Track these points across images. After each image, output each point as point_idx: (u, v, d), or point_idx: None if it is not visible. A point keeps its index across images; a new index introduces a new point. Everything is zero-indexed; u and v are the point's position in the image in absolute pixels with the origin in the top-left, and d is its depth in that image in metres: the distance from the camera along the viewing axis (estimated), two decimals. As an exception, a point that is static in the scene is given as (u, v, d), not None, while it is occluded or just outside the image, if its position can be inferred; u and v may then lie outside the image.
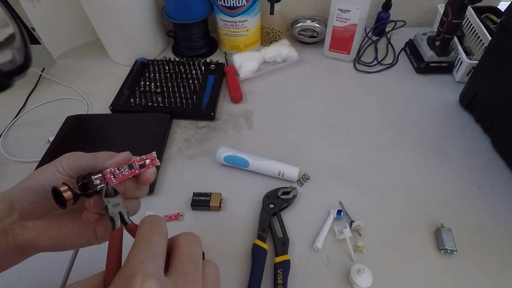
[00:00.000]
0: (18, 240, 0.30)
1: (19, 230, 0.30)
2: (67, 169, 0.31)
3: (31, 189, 0.30)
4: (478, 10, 0.76)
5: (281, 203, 0.53)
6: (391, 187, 0.57)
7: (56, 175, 0.30)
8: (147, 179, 0.31)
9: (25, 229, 0.30)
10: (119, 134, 0.63)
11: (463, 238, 0.49)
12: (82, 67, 0.83)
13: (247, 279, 0.46)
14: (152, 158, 0.31)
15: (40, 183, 0.30)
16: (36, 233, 0.31)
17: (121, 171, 0.30)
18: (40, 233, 0.31)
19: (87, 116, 0.69)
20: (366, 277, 0.44)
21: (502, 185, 0.56)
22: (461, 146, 0.62)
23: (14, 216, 0.30)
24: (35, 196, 0.30)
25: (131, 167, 0.30)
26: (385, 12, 0.85)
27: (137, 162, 0.30)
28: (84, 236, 0.33)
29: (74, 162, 0.31)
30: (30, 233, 0.31)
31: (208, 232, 0.51)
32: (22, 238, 0.30)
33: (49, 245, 0.31)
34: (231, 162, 0.58)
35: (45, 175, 0.30)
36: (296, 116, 0.69)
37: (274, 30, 0.83)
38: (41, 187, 0.30)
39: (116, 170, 0.30)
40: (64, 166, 0.31)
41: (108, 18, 0.72)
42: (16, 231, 0.30)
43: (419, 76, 0.77)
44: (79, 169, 0.31)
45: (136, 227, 0.26)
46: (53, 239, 0.31)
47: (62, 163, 0.31)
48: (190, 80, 0.74)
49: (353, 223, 0.50)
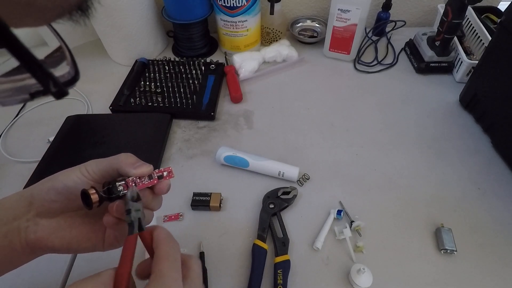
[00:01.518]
0: (30, 238, 0.31)
1: (33, 227, 0.32)
2: (92, 173, 0.33)
3: (55, 189, 0.32)
4: (478, 10, 0.76)
5: (281, 203, 0.53)
6: (391, 187, 0.57)
7: (81, 178, 0.32)
8: (163, 190, 0.34)
9: (38, 226, 0.32)
10: (119, 134, 0.63)
11: (463, 238, 0.49)
12: (82, 67, 0.82)
13: (247, 279, 0.46)
14: (169, 171, 0.34)
15: (64, 184, 0.32)
16: (48, 231, 0.32)
17: (141, 180, 0.32)
18: (52, 232, 0.32)
19: (87, 116, 0.69)
20: (366, 277, 0.44)
21: (502, 185, 0.56)
22: (461, 146, 0.62)
23: (31, 213, 0.32)
24: (57, 196, 0.32)
25: (150, 177, 0.33)
26: (385, 12, 0.85)
27: (155, 173, 0.33)
28: (92, 240, 0.34)
29: (98, 166, 0.33)
30: (43, 231, 0.32)
31: (208, 232, 0.51)
32: (34, 235, 0.31)
33: (58, 245, 0.32)
34: (231, 162, 0.58)
35: (70, 177, 0.32)
36: (296, 116, 0.69)
37: (274, 30, 0.83)
38: (64, 188, 0.32)
39: (137, 179, 0.32)
40: (89, 170, 0.33)
41: (108, 18, 0.72)
42: (29, 228, 0.31)
43: (419, 76, 0.77)
44: (103, 172, 0.33)
45: (150, 236, 0.29)
46: (63, 239, 0.33)
47: (87, 167, 0.33)
48: (190, 80, 0.74)
49: (353, 223, 0.50)
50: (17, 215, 0.32)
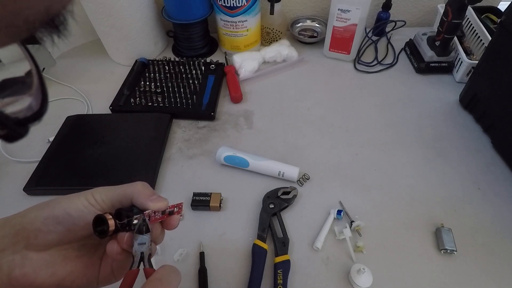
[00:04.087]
0: (14, 274, 0.26)
1: (20, 260, 0.27)
2: (101, 202, 0.30)
3: (54, 218, 0.28)
4: (478, 10, 0.76)
5: (281, 203, 0.53)
6: (391, 187, 0.57)
7: (88, 207, 0.29)
8: (174, 225, 0.32)
9: (26, 260, 0.27)
10: (119, 134, 0.63)
11: (463, 238, 0.49)
12: (82, 67, 0.83)
13: (247, 279, 0.46)
14: (180, 207, 0.33)
15: (67, 213, 0.28)
16: (38, 266, 0.28)
17: (156, 214, 0.31)
18: (43, 267, 0.28)
19: (87, 116, 0.69)
20: (366, 277, 0.44)
21: (502, 185, 0.56)
22: (461, 146, 0.62)
23: (20, 245, 0.27)
24: (55, 226, 0.28)
25: (163, 212, 0.31)
26: (385, 12, 0.85)
27: (168, 209, 0.32)
28: (87, 276, 0.30)
29: (109, 194, 0.30)
30: (31, 266, 0.27)
31: (208, 232, 0.51)
32: (21, 271, 0.27)
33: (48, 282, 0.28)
34: (231, 162, 0.58)
35: (75, 205, 0.29)
36: (296, 116, 0.69)
37: (274, 30, 0.83)
38: (66, 218, 0.28)
39: (152, 213, 0.30)
40: (97, 198, 0.30)
41: (108, 18, 0.72)
42: (15, 262, 0.27)
43: (419, 76, 0.77)
44: (114, 201, 0.30)
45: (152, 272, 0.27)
46: (54, 275, 0.28)
47: (95, 195, 0.30)
48: (190, 80, 0.74)
49: (353, 223, 0.50)
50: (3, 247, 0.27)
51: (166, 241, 0.50)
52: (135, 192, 0.30)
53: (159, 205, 0.30)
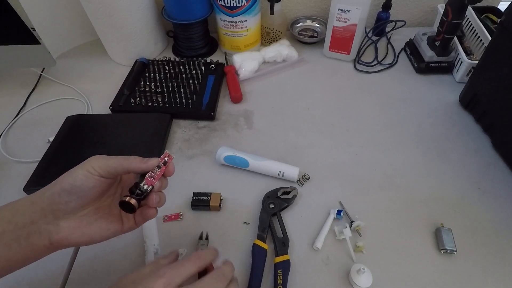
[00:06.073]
0: (54, 238, 0.34)
1: (54, 228, 0.34)
2: (98, 169, 0.34)
3: (65, 190, 0.34)
4: (478, 10, 0.76)
5: (281, 203, 0.53)
6: (391, 187, 0.57)
7: (87, 176, 0.34)
8: (171, 170, 0.39)
9: (59, 227, 0.34)
10: (119, 134, 0.63)
11: (463, 238, 0.49)
12: (82, 67, 0.83)
13: (247, 279, 0.46)
14: (168, 155, 0.38)
15: (72, 184, 0.34)
16: (69, 231, 0.34)
17: (154, 172, 0.37)
18: (74, 231, 0.35)
19: (87, 116, 0.69)
20: (366, 277, 0.44)
21: (502, 185, 0.56)
22: (461, 146, 0.62)
23: (49, 217, 0.34)
24: (69, 197, 0.34)
25: (159, 167, 0.38)
26: (385, 12, 0.85)
27: (160, 162, 0.38)
28: (112, 230, 0.37)
29: (104, 162, 0.35)
30: (64, 231, 0.34)
31: (208, 232, 0.51)
32: (57, 236, 0.34)
33: (82, 240, 0.36)
34: (231, 162, 0.58)
35: (76, 177, 0.34)
36: (296, 116, 0.69)
37: (274, 30, 0.83)
38: (73, 188, 0.34)
39: (151, 172, 0.37)
40: (95, 167, 0.34)
41: (108, 18, 0.72)
42: (51, 230, 0.34)
43: (419, 76, 0.77)
44: (110, 169, 0.35)
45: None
46: (84, 235, 0.35)
47: (93, 164, 0.34)
48: (190, 80, 0.74)
49: (353, 223, 0.50)
50: (34, 219, 0.33)
51: (166, 241, 0.50)
52: (130, 162, 0.36)
53: (151, 163, 0.37)
